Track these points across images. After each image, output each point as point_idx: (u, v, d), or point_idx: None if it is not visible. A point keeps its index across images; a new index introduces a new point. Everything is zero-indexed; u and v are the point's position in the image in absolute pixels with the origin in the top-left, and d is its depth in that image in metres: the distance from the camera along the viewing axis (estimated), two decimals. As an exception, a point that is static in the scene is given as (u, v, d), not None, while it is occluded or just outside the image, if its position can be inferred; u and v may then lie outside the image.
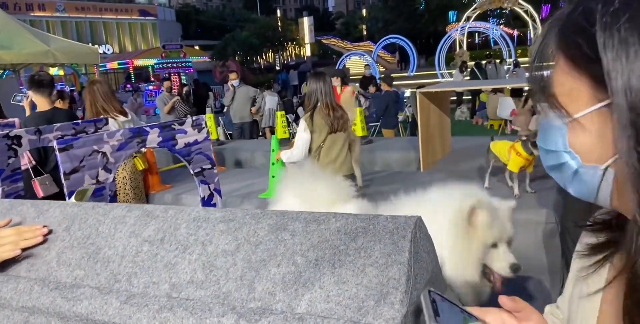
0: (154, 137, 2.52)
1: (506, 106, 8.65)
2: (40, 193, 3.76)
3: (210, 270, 0.90)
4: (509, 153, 3.82)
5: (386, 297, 0.74)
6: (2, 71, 11.25)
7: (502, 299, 0.54)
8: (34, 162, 3.83)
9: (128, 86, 23.57)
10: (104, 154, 2.27)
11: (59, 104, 4.36)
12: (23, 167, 3.44)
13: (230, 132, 9.55)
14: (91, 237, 1.03)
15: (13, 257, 1.04)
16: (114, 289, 0.94)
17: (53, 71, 22.34)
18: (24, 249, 1.03)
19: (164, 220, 1.00)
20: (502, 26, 22.81)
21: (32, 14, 29.92)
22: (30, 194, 3.57)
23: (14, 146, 2.65)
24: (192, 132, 2.68)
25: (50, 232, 1.06)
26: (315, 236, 0.86)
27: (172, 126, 2.62)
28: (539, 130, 0.60)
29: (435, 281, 0.86)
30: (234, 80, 8.12)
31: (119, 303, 0.91)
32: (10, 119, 3.68)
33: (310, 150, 3.45)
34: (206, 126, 2.84)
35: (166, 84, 9.08)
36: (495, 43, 20.65)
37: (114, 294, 0.92)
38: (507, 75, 13.44)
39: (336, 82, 6.86)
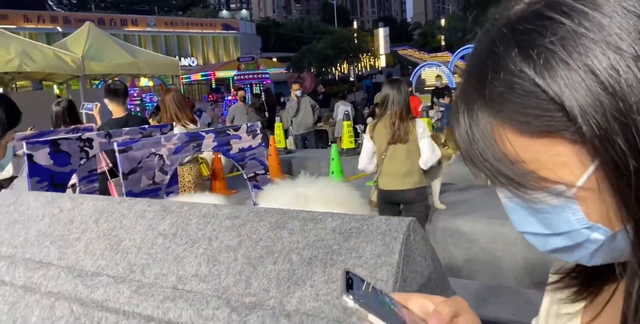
0: (209, 142, 2.61)
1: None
2: (115, 194, 4.02)
3: (213, 265, 0.93)
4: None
5: (370, 298, 0.73)
6: (97, 81, 12.22)
7: (439, 305, 0.47)
8: (110, 165, 4.11)
9: (210, 96, 24.69)
10: (160, 156, 2.38)
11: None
12: (99, 170, 3.70)
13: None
14: (115, 230, 1.10)
15: (48, 244, 1.12)
16: (129, 278, 0.99)
17: (143, 82, 23.90)
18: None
19: (178, 215, 1.04)
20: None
21: (126, 29, 32.27)
22: (105, 195, 3.83)
23: (85, 148, 2.86)
24: (246, 138, 2.76)
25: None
26: (311, 235, 0.86)
27: (227, 132, 2.70)
28: (517, 217, 0.46)
29: (434, 287, 0.83)
30: (297, 90, 8.27)
31: (129, 292, 0.95)
32: (88, 124, 3.98)
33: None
34: (261, 133, 2.91)
35: (240, 93, 9.42)
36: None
37: (126, 284, 0.97)
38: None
39: None
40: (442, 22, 52.19)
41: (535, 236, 0.46)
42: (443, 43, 43.28)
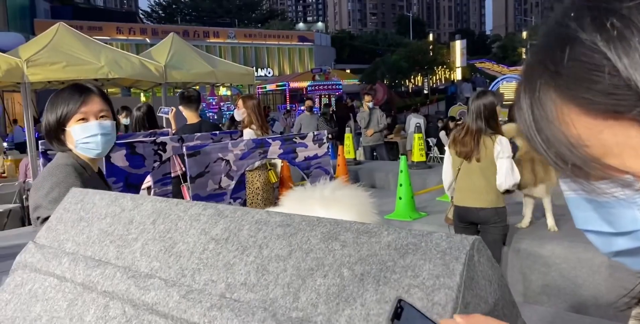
0: (275, 149, 2.62)
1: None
2: (187, 197, 4.15)
3: (262, 274, 0.89)
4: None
5: (425, 324, 0.65)
6: (179, 90, 12.85)
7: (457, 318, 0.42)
8: (184, 169, 4.25)
9: (284, 106, 25.24)
10: (227, 161, 2.41)
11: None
12: (173, 174, 3.83)
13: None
14: (170, 232, 1.09)
15: (108, 243, 1.14)
16: (179, 282, 0.98)
17: (222, 92, 24.84)
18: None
19: (231, 220, 1.02)
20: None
21: (208, 41, 33.80)
22: (178, 198, 3.96)
23: (159, 152, 2.95)
24: (312, 147, 2.74)
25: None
26: (364, 249, 0.80)
27: (294, 139, 2.70)
28: (579, 212, 0.41)
29: (501, 316, 0.74)
30: (369, 102, 8.21)
31: (178, 297, 0.93)
32: (165, 129, 4.14)
33: None
34: (327, 142, 2.87)
35: (307, 103, 9.50)
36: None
37: (176, 288, 0.96)
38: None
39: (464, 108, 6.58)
40: (524, 34, 50.32)
41: (598, 235, 0.41)
42: (524, 56, 41.64)
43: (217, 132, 3.44)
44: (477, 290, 0.69)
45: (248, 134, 3.82)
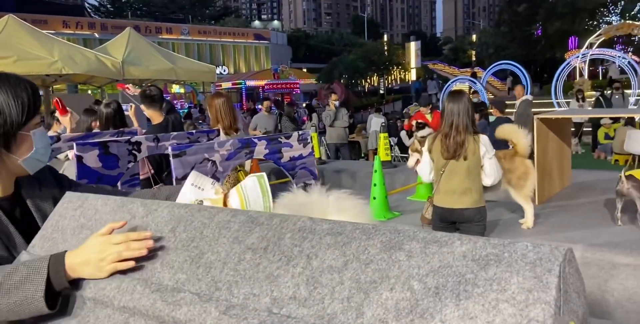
0: (261, 149, 2.54)
1: (637, 140, 7.83)
2: (155, 199, 3.96)
3: (314, 287, 0.82)
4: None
5: (526, 342, 0.61)
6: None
7: None
8: (152, 171, 4.06)
9: (240, 104, 24.90)
10: (213, 162, 2.31)
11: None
12: (143, 176, 3.64)
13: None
14: (195, 241, 1.00)
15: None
16: (214, 297, 0.90)
17: (175, 89, 24.21)
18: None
19: (268, 228, 0.95)
20: (630, 54, 20.94)
21: (160, 37, 32.86)
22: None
23: (134, 152, 2.81)
24: (297, 147, 2.68)
25: (156, 238, 1.05)
26: (435, 260, 0.75)
27: (279, 139, 2.63)
28: None
29: (584, 328, 0.70)
30: (335, 101, 8.21)
31: (217, 313, 0.85)
32: (134, 128, 3.94)
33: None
34: (311, 142, 2.81)
35: (266, 103, 9.37)
36: (622, 72, 19.01)
37: (213, 303, 0.87)
38: (634, 107, 12.24)
39: (426, 111, 6.72)
40: (474, 37, 51.79)
41: None
42: (474, 58, 42.86)
43: (194, 131, 3.31)
44: (570, 304, 0.65)
45: (223, 136, 3.69)
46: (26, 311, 1.01)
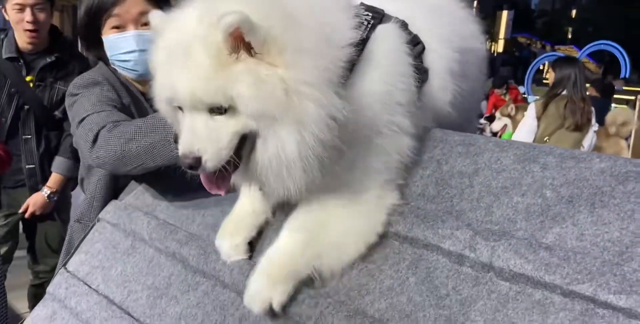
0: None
1: None
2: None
3: (443, 187, 0.89)
4: None
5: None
6: None
7: None
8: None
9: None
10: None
11: None
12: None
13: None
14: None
15: None
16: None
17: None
18: None
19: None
20: None
21: None
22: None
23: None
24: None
25: None
26: (571, 173, 0.79)
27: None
28: None
29: None
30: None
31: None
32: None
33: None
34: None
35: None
36: None
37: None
38: None
39: (501, 92, 6.44)
40: (573, 13, 48.16)
41: None
42: (570, 36, 40.06)
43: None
44: None
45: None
46: (161, 154, 1.09)
